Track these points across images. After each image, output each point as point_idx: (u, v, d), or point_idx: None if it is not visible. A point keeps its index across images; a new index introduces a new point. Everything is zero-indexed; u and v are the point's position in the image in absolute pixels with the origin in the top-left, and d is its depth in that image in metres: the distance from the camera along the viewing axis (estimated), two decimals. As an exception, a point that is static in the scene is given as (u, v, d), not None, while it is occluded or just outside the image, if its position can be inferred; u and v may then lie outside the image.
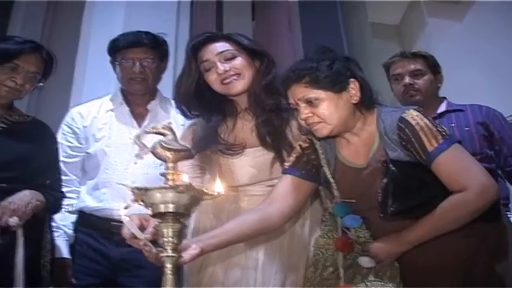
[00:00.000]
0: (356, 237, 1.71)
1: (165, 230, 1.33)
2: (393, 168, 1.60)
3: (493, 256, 1.61)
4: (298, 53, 5.37)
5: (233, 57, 1.90)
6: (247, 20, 5.46)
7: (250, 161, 1.90)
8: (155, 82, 2.35)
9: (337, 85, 1.67)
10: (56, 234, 2.14)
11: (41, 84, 2.03)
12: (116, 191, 2.20)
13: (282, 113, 1.87)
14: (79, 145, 2.31)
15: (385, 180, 1.60)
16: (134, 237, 1.49)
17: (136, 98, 2.35)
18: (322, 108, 1.66)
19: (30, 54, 1.95)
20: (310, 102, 1.67)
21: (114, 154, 2.26)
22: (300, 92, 1.68)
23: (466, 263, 1.59)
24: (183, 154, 1.42)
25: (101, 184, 2.24)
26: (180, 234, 1.35)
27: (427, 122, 1.62)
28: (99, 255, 2.18)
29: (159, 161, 2.06)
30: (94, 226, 2.21)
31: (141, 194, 1.37)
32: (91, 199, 2.25)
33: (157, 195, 1.33)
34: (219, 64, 1.88)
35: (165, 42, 2.35)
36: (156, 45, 2.30)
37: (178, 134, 2.05)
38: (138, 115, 2.34)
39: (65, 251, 2.17)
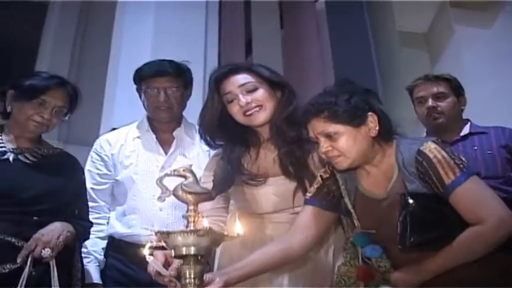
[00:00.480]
0: (377, 267, 1.75)
1: (187, 272, 1.40)
2: (411, 201, 1.63)
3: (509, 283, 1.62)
4: (326, 58, 5.39)
5: (255, 89, 1.94)
6: (275, 23, 5.52)
7: (274, 190, 1.95)
8: (180, 109, 2.42)
9: (355, 119, 1.70)
10: (86, 260, 2.22)
11: (67, 117, 2.12)
12: (144, 218, 2.29)
13: (304, 144, 1.91)
14: (108, 172, 2.39)
15: (403, 213, 1.62)
16: (159, 274, 1.56)
17: (162, 125, 2.42)
18: (341, 142, 1.70)
19: (57, 89, 2.05)
20: (329, 137, 1.71)
21: (141, 182, 2.34)
22: (319, 127, 1.72)
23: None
24: (204, 197, 1.48)
25: (130, 210, 2.32)
26: (201, 275, 1.41)
27: (445, 154, 1.64)
28: (128, 280, 2.26)
29: None
30: (123, 251, 2.29)
31: (164, 237, 1.43)
32: (120, 225, 2.33)
33: (179, 239, 1.39)
34: (241, 96, 1.93)
35: (188, 70, 2.42)
36: (180, 74, 2.37)
37: (204, 161, 2.15)
38: (164, 142, 2.41)
39: (95, 277, 2.24)
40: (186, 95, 2.42)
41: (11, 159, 2.02)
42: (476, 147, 2.41)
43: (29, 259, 1.84)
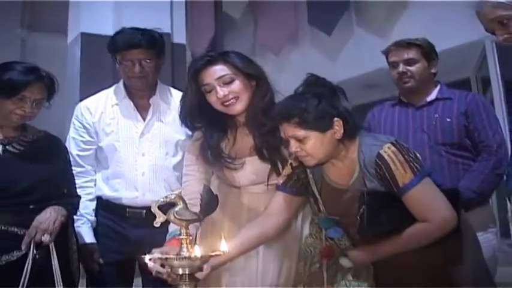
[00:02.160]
0: (338, 244, 2.05)
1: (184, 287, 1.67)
2: (369, 198, 1.89)
3: (450, 264, 1.93)
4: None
5: (231, 81, 2.08)
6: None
7: (250, 169, 2.16)
8: (155, 77, 2.53)
9: (323, 125, 1.89)
10: (80, 222, 2.44)
11: (48, 104, 2.23)
12: (129, 182, 2.50)
13: (277, 131, 2.06)
14: (91, 139, 2.53)
15: (362, 208, 1.89)
16: (159, 272, 1.84)
17: (139, 92, 2.54)
18: (309, 145, 1.90)
19: (35, 84, 2.14)
20: (298, 139, 1.90)
21: (123, 148, 2.50)
22: (289, 130, 1.91)
23: (425, 273, 1.91)
24: (193, 220, 1.71)
25: (114, 175, 2.51)
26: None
27: (402, 159, 1.86)
28: (118, 236, 2.51)
29: (164, 154, 2.39)
30: (112, 211, 2.52)
31: (162, 260, 1.69)
32: (107, 188, 2.53)
33: (176, 262, 1.64)
34: (218, 89, 2.07)
35: (161, 38, 2.49)
36: (153, 45, 2.44)
37: (178, 125, 2.29)
38: (142, 108, 2.54)
39: (90, 237, 2.48)
40: (160, 63, 2.51)
41: (0, 151, 2.16)
42: (437, 115, 2.61)
43: (32, 245, 2.07)
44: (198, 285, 1.68)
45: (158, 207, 1.71)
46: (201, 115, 2.17)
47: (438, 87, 2.72)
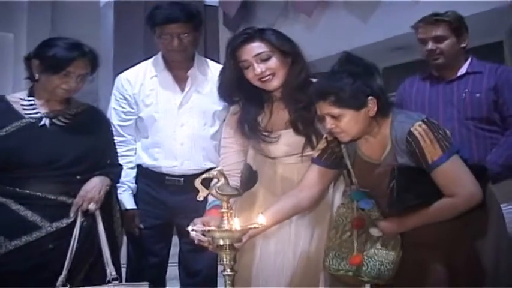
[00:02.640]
0: (369, 215, 2.16)
1: (224, 257, 1.78)
2: (399, 173, 1.97)
3: (474, 236, 2.02)
4: None
5: (268, 58, 2.16)
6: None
7: (285, 141, 2.26)
8: (193, 50, 2.63)
9: (357, 104, 1.97)
10: (121, 189, 2.59)
11: (91, 79, 2.35)
12: (168, 151, 2.63)
13: (311, 106, 2.15)
14: (131, 110, 2.65)
15: (393, 182, 1.98)
16: (201, 240, 1.96)
17: (177, 64, 2.64)
18: (344, 123, 1.98)
19: (79, 60, 2.25)
20: (334, 117, 1.98)
21: (162, 119, 2.63)
22: (325, 109, 1.99)
23: (452, 241, 2.01)
24: (234, 195, 1.83)
25: (154, 145, 2.64)
26: (235, 257, 1.81)
27: (432, 136, 1.93)
28: (157, 202, 2.66)
29: (203, 124, 2.50)
30: (152, 178, 2.66)
31: (204, 231, 1.82)
32: (147, 156, 2.66)
33: (217, 234, 1.77)
34: (256, 65, 2.16)
35: (198, 12, 2.58)
36: (191, 18, 2.53)
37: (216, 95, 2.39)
38: (180, 80, 2.65)
39: (131, 203, 2.63)
40: (198, 36, 2.60)
41: (47, 124, 2.29)
42: (467, 90, 2.66)
43: (79, 213, 2.23)
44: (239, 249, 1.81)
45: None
46: (238, 90, 2.26)
47: (469, 61, 2.75)
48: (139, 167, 2.70)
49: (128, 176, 2.65)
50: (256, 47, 2.17)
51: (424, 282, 2.03)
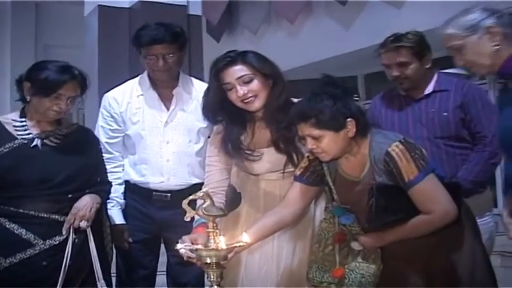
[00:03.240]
0: (350, 229, 2.28)
1: (211, 274, 1.91)
2: (377, 192, 2.10)
3: (450, 249, 2.16)
4: None
5: (250, 81, 2.27)
6: None
7: (267, 159, 2.38)
8: (178, 69, 2.75)
9: (337, 126, 2.10)
10: (110, 205, 2.70)
11: (81, 99, 2.48)
12: (154, 167, 2.76)
13: (292, 126, 2.27)
14: (118, 127, 2.77)
15: (372, 200, 2.11)
16: (189, 257, 2.06)
17: (163, 83, 2.77)
18: (324, 143, 2.11)
19: (70, 83, 2.37)
20: (314, 138, 2.12)
21: (149, 136, 2.75)
22: (306, 130, 2.12)
23: (429, 255, 2.15)
24: (219, 215, 1.96)
25: (141, 161, 2.76)
26: (221, 274, 1.94)
27: (408, 157, 2.07)
28: (145, 217, 2.78)
29: (188, 141, 2.63)
30: (139, 193, 2.78)
31: (192, 250, 1.95)
32: (134, 173, 2.78)
33: (204, 253, 1.90)
34: (238, 88, 2.27)
35: (183, 32, 2.71)
36: (175, 39, 2.66)
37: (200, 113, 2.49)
38: (165, 98, 2.77)
39: (120, 218, 2.75)
40: (182, 56, 2.73)
41: (39, 145, 2.40)
42: (434, 109, 2.75)
43: (71, 230, 2.35)
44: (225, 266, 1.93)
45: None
46: (222, 110, 2.38)
47: (435, 78, 2.82)
48: (127, 182, 2.82)
49: (117, 191, 2.76)
50: (239, 70, 2.28)
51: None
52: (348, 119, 2.12)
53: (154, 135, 2.75)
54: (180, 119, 2.76)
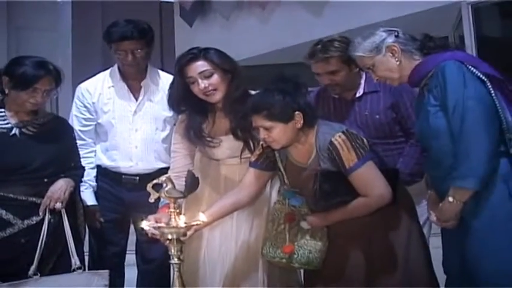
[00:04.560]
0: (299, 210, 2.60)
1: (172, 248, 2.26)
2: (322, 177, 2.44)
3: (388, 228, 2.52)
4: None
5: (211, 75, 2.61)
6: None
7: (227, 145, 2.72)
8: (146, 63, 3.09)
9: (286, 118, 2.44)
10: (83, 187, 3.03)
11: (56, 93, 2.78)
12: (124, 153, 3.11)
13: (248, 116, 2.59)
14: (91, 116, 3.12)
15: (316, 186, 2.45)
16: (153, 234, 2.40)
17: (132, 76, 3.11)
18: (274, 133, 2.45)
19: (45, 77, 2.67)
20: (266, 128, 2.46)
21: (119, 124, 3.10)
22: (259, 121, 2.46)
23: (369, 232, 2.50)
24: (179, 197, 2.31)
25: (112, 147, 3.11)
26: (181, 249, 2.29)
27: (349, 145, 2.41)
28: (116, 198, 3.13)
29: (154, 129, 2.99)
30: (110, 177, 3.13)
31: (155, 228, 2.30)
32: (105, 158, 3.13)
33: (166, 230, 2.25)
34: (200, 81, 2.61)
35: (150, 29, 3.04)
36: (143, 36, 2.99)
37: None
38: (134, 89, 3.12)
39: (92, 199, 3.08)
40: (150, 51, 3.06)
41: (17, 133, 2.72)
42: (367, 112, 2.97)
43: (47, 211, 2.68)
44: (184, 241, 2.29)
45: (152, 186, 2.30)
46: (185, 101, 2.71)
47: (364, 79, 3.00)
48: (98, 167, 3.16)
49: (89, 175, 3.10)
50: (200, 66, 2.61)
51: (346, 266, 2.52)
52: (296, 112, 2.45)
53: (124, 123, 3.10)
54: (147, 109, 3.11)
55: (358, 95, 3.03)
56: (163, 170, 2.87)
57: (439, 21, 5.18)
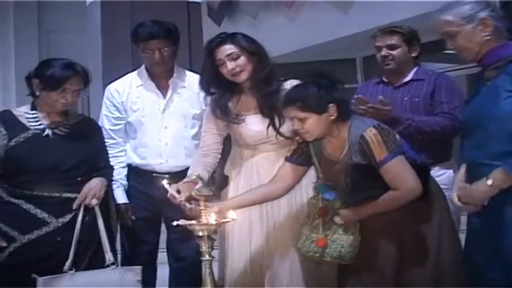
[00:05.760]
0: (332, 205, 2.60)
1: (203, 245, 2.30)
2: (353, 171, 2.45)
3: (420, 222, 2.52)
4: None
5: (238, 57, 2.71)
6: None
7: (252, 123, 2.78)
8: (173, 61, 3.14)
9: (320, 109, 2.46)
10: (115, 186, 3.08)
11: (85, 93, 2.86)
12: (154, 150, 3.15)
13: (273, 95, 2.73)
14: (120, 115, 3.17)
15: (347, 179, 2.46)
16: (173, 197, 2.50)
17: (159, 74, 3.16)
18: (308, 125, 2.48)
19: (73, 77, 2.75)
20: (300, 120, 2.48)
21: (148, 122, 3.16)
22: (293, 112, 2.49)
23: (401, 227, 2.50)
24: (210, 196, 2.33)
25: (141, 145, 3.16)
26: (212, 245, 2.32)
27: (380, 139, 2.41)
28: (146, 196, 3.16)
29: (183, 126, 3.07)
30: (141, 176, 3.17)
31: (187, 225, 2.33)
32: (135, 156, 3.18)
33: (197, 228, 2.29)
34: (228, 63, 2.71)
35: (175, 28, 3.12)
36: (169, 35, 3.07)
37: (194, 100, 3.04)
38: (162, 88, 3.18)
39: (123, 198, 3.13)
40: (176, 50, 3.12)
41: (50, 134, 2.79)
42: (407, 98, 3.17)
43: (81, 208, 2.74)
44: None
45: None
46: (215, 82, 2.81)
47: (415, 69, 3.24)
48: (129, 165, 3.20)
49: (120, 174, 3.14)
50: (228, 49, 2.72)
51: (377, 261, 2.52)
52: (330, 104, 2.48)
53: (153, 121, 3.16)
54: (176, 106, 3.16)
55: (405, 80, 3.21)
56: None
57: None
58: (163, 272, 3.35)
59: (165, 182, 2.52)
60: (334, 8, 5.80)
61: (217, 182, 2.42)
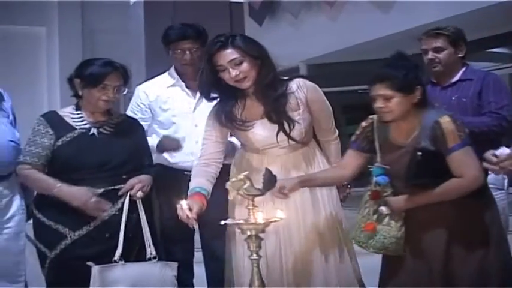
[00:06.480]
0: (382, 191, 2.58)
1: (251, 244, 2.30)
2: (419, 156, 2.41)
3: (469, 219, 2.50)
4: None
5: (240, 63, 2.59)
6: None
7: (260, 129, 2.72)
8: (201, 62, 3.12)
9: (408, 90, 2.46)
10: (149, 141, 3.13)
11: (125, 90, 2.89)
12: (185, 149, 3.20)
13: (280, 98, 2.68)
14: (142, 116, 3.27)
15: (413, 162, 2.43)
16: (187, 217, 2.46)
17: (189, 75, 3.23)
18: (393, 103, 2.46)
19: (113, 73, 2.79)
20: (386, 98, 2.47)
21: (179, 121, 3.25)
22: (380, 90, 2.47)
23: (448, 226, 2.48)
24: (258, 195, 2.34)
25: None
26: (260, 244, 2.33)
27: (453, 127, 2.43)
28: (178, 195, 3.09)
29: None
30: (171, 175, 3.22)
31: (234, 224, 2.35)
32: (167, 155, 3.25)
33: (244, 227, 2.28)
34: (231, 70, 2.60)
35: (204, 30, 3.21)
36: (199, 36, 3.17)
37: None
38: (192, 87, 3.24)
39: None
40: None
41: (96, 133, 2.84)
42: (454, 98, 3.18)
43: (127, 199, 2.80)
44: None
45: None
46: (216, 88, 2.73)
47: (463, 69, 3.25)
48: (160, 165, 3.23)
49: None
50: (230, 54, 2.60)
51: (424, 255, 2.53)
52: (418, 86, 2.49)
53: (184, 120, 3.25)
54: (206, 105, 3.08)
55: (453, 80, 3.23)
56: (224, 167, 2.86)
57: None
58: (201, 271, 3.41)
59: (183, 203, 2.48)
60: (375, 8, 5.79)
61: (265, 181, 2.39)
